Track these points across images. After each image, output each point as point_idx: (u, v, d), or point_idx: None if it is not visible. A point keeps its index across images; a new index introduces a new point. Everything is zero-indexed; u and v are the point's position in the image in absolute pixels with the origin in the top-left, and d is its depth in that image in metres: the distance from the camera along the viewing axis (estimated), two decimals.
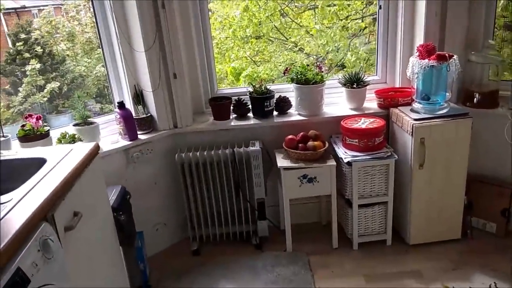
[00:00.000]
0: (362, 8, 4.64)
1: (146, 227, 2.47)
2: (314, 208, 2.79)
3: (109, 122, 2.46)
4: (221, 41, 5.16)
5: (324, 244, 2.55)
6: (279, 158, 2.43)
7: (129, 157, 2.37)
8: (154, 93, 2.40)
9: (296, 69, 2.58)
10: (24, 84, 3.60)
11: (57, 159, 1.52)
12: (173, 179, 2.55)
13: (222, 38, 5.15)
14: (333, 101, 2.71)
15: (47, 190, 1.28)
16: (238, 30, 4.98)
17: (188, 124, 2.54)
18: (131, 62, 2.39)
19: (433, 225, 2.42)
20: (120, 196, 1.99)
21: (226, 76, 4.99)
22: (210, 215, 2.55)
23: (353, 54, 4.14)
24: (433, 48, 2.27)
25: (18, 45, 3.97)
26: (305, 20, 5.13)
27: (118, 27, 2.29)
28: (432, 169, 2.29)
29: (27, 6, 4.62)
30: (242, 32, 4.94)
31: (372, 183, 2.36)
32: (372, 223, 2.47)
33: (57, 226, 1.26)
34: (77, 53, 4.49)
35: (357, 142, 2.33)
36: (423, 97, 2.32)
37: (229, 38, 5.07)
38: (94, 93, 3.98)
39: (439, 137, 2.23)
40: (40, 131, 2.02)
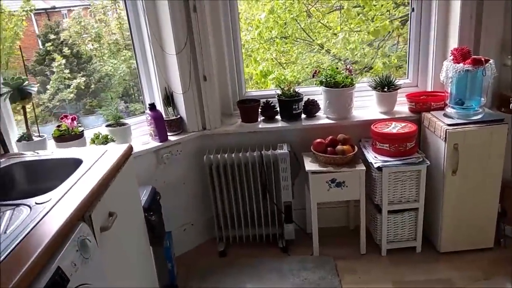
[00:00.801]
0: (390, 10, 4.57)
1: (174, 227, 2.51)
2: (341, 212, 2.76)
3: (139, 124, 2.51)
4: (247, 42, 5.18)
5: (352, 249, 2.52)
6: (307, 162, 2.42)
7: (159, 158, 2.40)
8: (184, 95, 2.43)
9: (326, 72, 2.57)
10: (51, 81, 3.71)
11: (93, 160, 1.56)
12: (201, 180, 2.57)
13: (247, 39, 5.16)
14: (362, 104, 2.68)
15: (84, 191, 1.31)
16: (264, 31, 4.99)
17: (216, 126, 2.56)
18: (162, 65, 2.43)
19: (465, 233, 2.36)
20: (150, 196, 2.02)
21: (251, 78, 5.00)
22: (237, 217, 2.56)
23: (383, 63, 4.07)
24: (468, 52, 2.21)
25: (47, 46, 4.09)
26: (332, 22, 5.09)
27: (150, 30, 2.33)
28: (465, 176, 2.23)
29: (57, 7, 4.75)
30: (268, 34, 4.94)
31: (402, 189, 2.32)
32: (402, 230, 2.42)
33: (94, 226, 1.29)
34: (104, 53, 4.59)
35: (388, 147, 2.29)
36: (457, 102, 2.26)
37: (255, 39, 5.08)
38: (120, 92, 4.06)
39: (473, 143, 2.17)
40: (75, 132, 2.08)
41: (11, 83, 1.89)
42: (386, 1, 4.55)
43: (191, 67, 2.40)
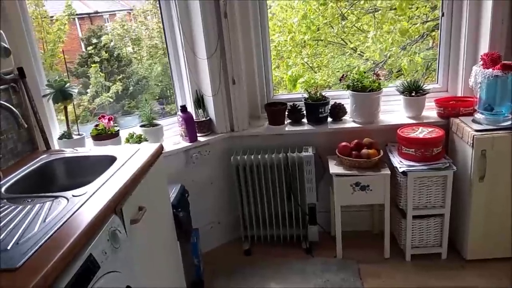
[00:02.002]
0: (426, 13, 4.51)
1: (201, 224, 2.60)
2: (366, 216, 2.77)
3: (172, 124, 2.62)
4: (279, 44, 5.24)
5: (375, 253, 2.52)
6: (332, 165, 2.46)
7: (188, 157, 2.51)
8: (213, 97, 2.53)
9: (353, 76, 2.59)
10: (91, 85, 3.92)
11: (126, 157, 1.67)
12: (228, 180, 2.66)
13: (280, 41, 5.22)
14: (390, 108, 2.68)
15: (117, 186, 1.42)
16: (297, 35, 5.03)
17: (244, 128, 2.63)
18: (194, 68, 2.53)
19: (492, 240, 2.32)
20: (179, 194, 2.12)
21: (282, 81, 5.06)
22: (262, 217, 2.63)
23: (410, 60, 4.03)
24: (498, 57, 2.18)
25: (89, 49, 4.32)
26: (366, 25, 5.07)
27: (183, 35, 2.44)
28: (493, 183, 2.19)
29: (99, 12, 4.99)
30: (300, 38, 4.98)
31: (428, 194, 2.31)
32: (427, 235, 2.41)
33: (125, 218, 1.39)
34: (143, 56, 4.78)
35: (414, 152, 2.29)
36: (486, 107, 2.23)
37: (287, 42, 5.13)
38: (157, 94, 4.23)
39: (502, 149, 2.13)
40: (111, 131, 2.21)
41: (54, 84, 2.04)
42: (421, 4, 4.49)
43: (221, 71, 2.49)
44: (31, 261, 1.00)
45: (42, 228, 1.15)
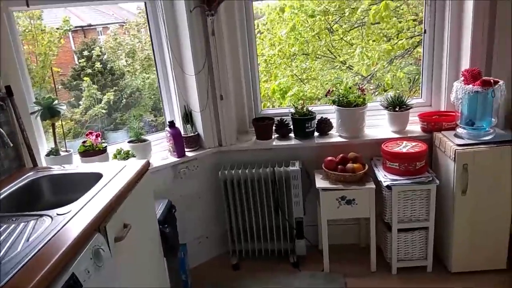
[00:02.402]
0: (411, 27, 4.60)
1: (189, 239, 2.61)
2: (353, 229, 2.80)
3: (160, 140, 2.64)
4: (269, 57, 5.30)
5: (362, 267, 2.55)
6: (318, 179, 2.49)
7: (176, 172, 2.53)
8: (201, 113, 2.56)
9: (338, 91, 2.64)
10: (83, 98, 3.93)
11: (112, 174, 1.69)
12: (216, 194, 2.67)
13: (270, 55, 5.29)
14: (375, 123, 2.73)
15: (101, 203, 1.43)
16: (286, 48, 5.10)
17: (232, 142, 2.66)
18: (182, 84, 2.57)
19: (476, 253, 2.35)
20: (166, 209, 2.13)
21: (274, 93, 5.11)
22: (249, 231, 2.64)
23: (393, 75, 4.11)
24: (478, 73, 2.24)
25: (81, 62, 4.35)
26: (354, 39, 5.16)
27: (171, 52, 2.48)
28: (475, 196, 2.24)
29: (92, 25, 5.02)
30: (289, 51, 5.05)
31: (412, 208, 2.35)
32: (412, 248, 2.44)
33: (109, 236, 1.40)
34: (136, 69, 4.82)
35: (398, 166, 2.33)
36: (467, 122, 2.29)
37: (277, 56, 5.20)
38: (150, 106, 4.25)
39: (483, 163, 2.18)
40: (99, 147, 2.23)
41: (42, 102, 2.06)
42: (407, 18, 4.59)
43: (208, 87, 2.53)
44: (14, 281, 1.02)
45: (25, 248, 1.16)
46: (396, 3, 4.51)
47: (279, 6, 4.97)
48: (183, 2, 2.33)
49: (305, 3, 4.77)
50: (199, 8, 2.36)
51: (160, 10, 2.40)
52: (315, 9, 4.75)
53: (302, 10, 4.75)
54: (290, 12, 4.85)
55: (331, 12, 4.84)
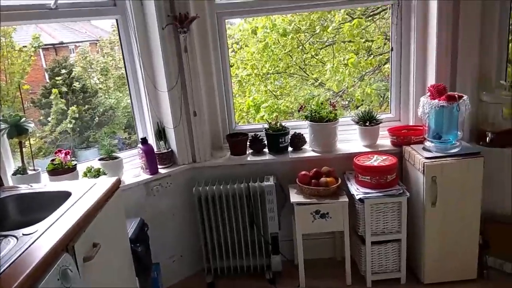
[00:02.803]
0: (381, 46, 4.76)
1: (163, 258, 2.56)
2: (329, 243, 2.81)
3: (132, 157, 2.61)
4: (243, 78, 5.37)
5: (338, 281, 2.55)
6: (293, 193, 2.50)
7: (149, 190, 2.49)
8: (175, 129, 2.55)
9: (310, 107, 2.68)
10: (51, 113, 3.84)
11: (81, 193, 1.65)
12: (191, 211, 2.64)
13: (243, 75, 5.35)
14: (347, 138, 2.78)
15: (69, 223, 1.39)
16: (260, 67, 5.17)
17: (206, 158, 2.65)
18: (155, 101, 2.55)
19: (448, 264, 2.40)
20: (138, 228, 2.09)
21: (248, 108, 5.14)
22: (225, 248, 2.62)
23: (363, 91, 4.23)
24: (443, 89, 2.33)
25: (53, 80, 4.28)
26: (325, 57, 5.29)
27: (144, 68, 2.47)
28: (445, 208, 2.30)
29: (64, 42, 4.95)
30: (262, 68, 5.12)
31: (385, 220, 2.39)
32: (386, 261, 2.47)
33: (77, 256, 1.36)
34: (110, 87, 4.76)
35: (369, 179, 2.37)
36: (434, 136, 2.36)
37: (251, 75, 5.27)
38: (124, 124, 4.20)
39: (451, 175, 2.25)
40: (68, 165, 2.18)
41: (9, 120, 2.01)
42: (376, 37, 4.75)
43: (181, 103, 2.52)
44: None
45: None
46: (367, 23, 4.68)
47: (251, 29, 5.05)
48: (155, 20, 2.34)
49: (277, 22, 4.88)
50: (171, 25, 2.37)
51: (132, 27, 2.40)
52: (287, 27, 4.86)
53: (274, 29, 4.84)
54: (262, 32, 4.94)
55: (302, 31, 4.96)
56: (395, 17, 2.60)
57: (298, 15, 4.84)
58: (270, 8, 2.65)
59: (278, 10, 2.73)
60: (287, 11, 2.93)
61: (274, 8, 2.67)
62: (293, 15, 4.92)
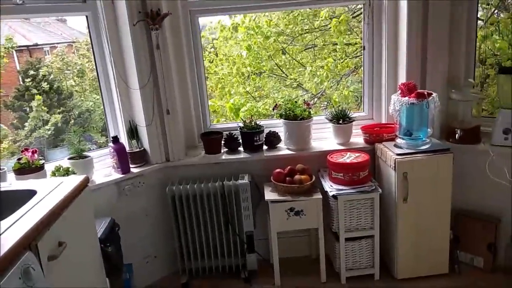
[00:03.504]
0: (356, 50, 4.83)
1: (136, 259, 2.51)
2: (304, 241, 2.82)
3: (103, 156, 2.55)
4: (224, 76, 5.35)
5: (313, 278, 2.56)
6: (268, 191, 2.50)
7: (121, 189, 2.44)
8: (147, 128, 2.51)
9: (285, 105, 2.69)
10: (30, 119, 3.74)
11: (47, 191, 1.60)
12: (164, 211, 2.60)
13: (224, 74, 5.33)
14: (321, 136, 2.80)
15: (32, 221, 1.34)
16: (241, 68, 5.16)
17: (180, 157, 2.62)
18: (126, 98, 2.51)
19: (420, 259, 2.44)
20: (108, 227, 2.05)
21: (230, 111, 5.12)
22: (199, 248, 2.59)
23: (341, 92, 4.28)
24: (413, 86, 2.37)
25: (27, 81, 4.15)
26: (304, 59, 5.33)
27: (115, 66, 2.42)
28: (416, 203, 2.33)
29: (39, 44, 4.82)
30: (242, 67, 5.12)
31: (358, 217, 2.41)
32: (360, 257, 2.49)
33: (41, 255, 1.31)
34: (85, 89, 4.66)
35: (342, 176, 2.39)
36: (405, 133, 2.40)
37: (231, 75, 5.26)
38: (100, 127, 4.11)
39: (421, 171, 2.29)
40: (36, 164, 2.11)
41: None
42: (354, 41, 4.81)
43: (154, 101, 2.49)
44: None
45: None
46: (353, 23, 4.73)
47: (232, 25, 5.04)
48: (126, 16, 2.30)
49: (261, 24, 4.89)
50: (143, 22, 2.34)
51: (103, 24, 2.35)
52: (271, 30, 4.87)
53: (258, 32, 4.85)
54: (245, 33, 4.93)
55: (286, 34, 4.99)
56: (367, 17, 2.64)
57: (283, 18, 4.87)
58: (243, 6, 2.65)
59: (251, 9, 2.74)
60: (261, 9, 2.94)
61: (247, 7, 2.67)
62: (279, 18, 4.95)
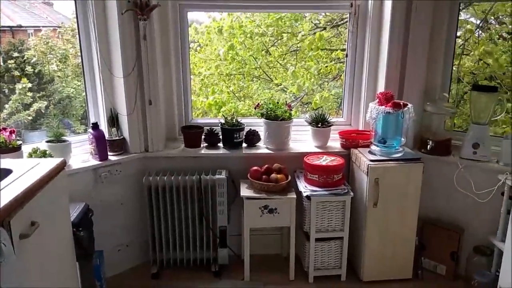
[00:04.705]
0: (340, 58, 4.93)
1: (108, 247, 2.51)
2: (276, 239, 2.87)
3: (82, 142, 2.55)
4: (206, 77, 5.36)
5: (282, 276, 2.62)
6: (244, 188, 2.54)
7: (97, 176, 2.44)
8: (128, 117, 2.52)
9: (267, 105, 2.74)
10: (11, 101, 3.67)
11: (23, 171, 1.60)
12: (139, 201, 2.61)
13: (207, 74, 5.35)
14: (300, 138, 2.86)
15: (7, 198, 1.35)
16: (222, 66, 5.18)
17: (159, 149, 2.64)
18: (110, 86, 2.51)
19: (386, 263, 2.53)
20: (82, 212, 2.05)
21: (209, 107, 5.13)
22: (172, 240, 2.61)
23: (321, 96, 4.36)
24: (391, 96, 2.46)
25: (9, 63, 4.08)
26: (288, 63, 5.39)
27: (100, 52, 2.43)
28: (385, 209, 2.42)
29: (23, 26, 4.74)
30: (225, 69, 5.14)
31: (329, 218, 2.48)
32: (328, 258, 2.56)
33: (13, 232, 1.32)
34: (68, 75, 4.60)
35: (317, 178, 2.46)
36: (380, 140, 2.48)
37: (214, 74, 5.27)
38: (80, 115, 4.07)
39: (392, 178, 2.38)
40: (13, 145, 2.10)
41: None
42: (339, 47, 4.89)
43: (137, 91, 2.50)
44: None
45: None
46: (329, 33, 4.82)
47: (217, 27, 5.06)
48: (115, 4, 2.31)
49: (244, 23, 4.92)
50: (131, 11, 2.35)
51: (91, 9, 2.35)
52: (254, 30, 4.91)
53: (241, 31, 4.88)
54: (228, 32, 4.96)
55: (269, 35, 5.04)
56: (351, 25, 2.72)
57: (265, 19, 4.91)
58: (233, 5, 2.69)
59: (240, 8, 2.79)
60: (249, 9, 2.99)
61: (237, 6, 2.71)
62: (261, 19, 4.99)
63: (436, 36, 2.61)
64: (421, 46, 2.60)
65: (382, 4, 2.60)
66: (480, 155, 2.43)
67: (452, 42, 2.65)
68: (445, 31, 2.62)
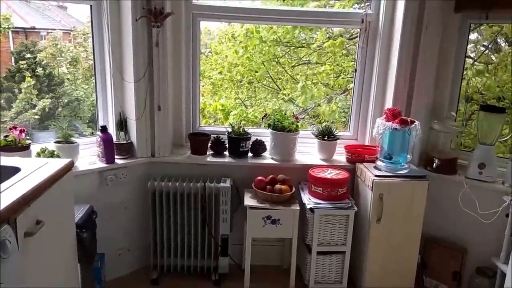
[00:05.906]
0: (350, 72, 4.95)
1: (110, 250, 2.52)
2: (277, 251, 2.86)
3: (91, 144, 2.57)
4: (217, 80, 5.39)
5: (281, 287, 2.60)
6: (247, 197, 2.54)
7: (103, 179, 2.46)
8: (137, 121, 2.54)
9: (274, 116, 2.76)
10: (18, 100, 3.72)
11: (31, 170, 1.62)
12: (143, 206, 2.63)
13: (217, 78, 5.38)
14: (306, 150, 2.87)
15: (14, 196, 1.37)
16: (235, 72, 5.21)
17: (165, 154, 2.66)
18: (120, 90, 2.55)
19: (387, 280, 2.50)
20: (86, 214, 2.06)
21: (215, 110, 5.15)
22: (173, 246, 2.61)
23: (330, 110, 4.38)
24: (398, 113, 2.46)
25: (20, 63, 4.14)
26: (298, 75, 5.42)
27: (113, 57, 2.46)
28: (389, 225, 2.41)
29: (37, 28, 4.82)
30: (236, 74, 5.17)
31: (332, 232, 2.47)
32: (329, 271, 2.54)
33: (18, 230, 1.34)
34: (77, 78, 4.66)
35: (321, 191, 2.46)
36: (386, 156, 2.48)
37: (225, 79, 5.31)
38: (87, 118, 4.11)
39: (397, 195, 2.37)
40: (22, 143, 2.13)
41: None
42: (348, 62, 4.92)
43: (147, 96, 2.53)
44: None
45: None
46: (348, 44, 4.85)
47: (231, 33, 5.11)
48: (129, 10, 2.35)
49: (260, 29, 4.95)
50: (145, 18, 2.39)
51: (106, 14, 2.40)
52: (269, 37, 4.95)
53: (256, 36, 4.91)
54: (244, 34, 4.98)
55: (283, 43, 5.07)
56: (362, 41, 2.74)
57: (281, 27, 4.95)
58: (246, 16, 2.73)
59: (253, 20, 2.82)
60: (262, 21, 3.02)
61: (250, 17, 2.75)
62: (278, 26, 5.03)
63: (445, 55, 2.63)
64: (430, 64, 2.62)
65: (393, 22, 2.63)
66: (485, 175, 2.43)
67: (461, 61, 2.66)
68: (455, 50, 2.63)
